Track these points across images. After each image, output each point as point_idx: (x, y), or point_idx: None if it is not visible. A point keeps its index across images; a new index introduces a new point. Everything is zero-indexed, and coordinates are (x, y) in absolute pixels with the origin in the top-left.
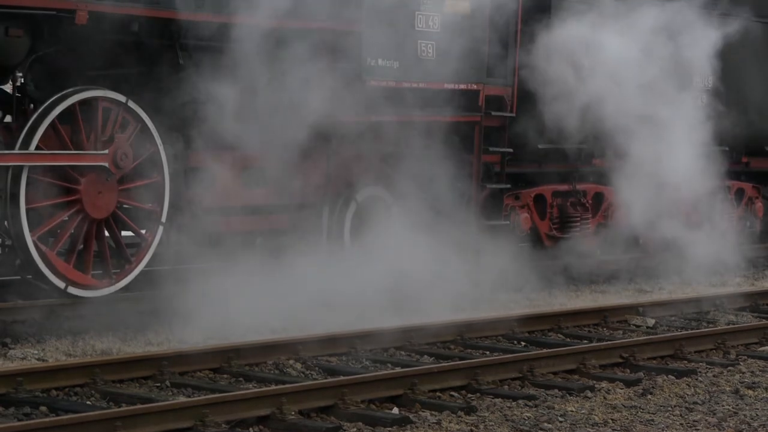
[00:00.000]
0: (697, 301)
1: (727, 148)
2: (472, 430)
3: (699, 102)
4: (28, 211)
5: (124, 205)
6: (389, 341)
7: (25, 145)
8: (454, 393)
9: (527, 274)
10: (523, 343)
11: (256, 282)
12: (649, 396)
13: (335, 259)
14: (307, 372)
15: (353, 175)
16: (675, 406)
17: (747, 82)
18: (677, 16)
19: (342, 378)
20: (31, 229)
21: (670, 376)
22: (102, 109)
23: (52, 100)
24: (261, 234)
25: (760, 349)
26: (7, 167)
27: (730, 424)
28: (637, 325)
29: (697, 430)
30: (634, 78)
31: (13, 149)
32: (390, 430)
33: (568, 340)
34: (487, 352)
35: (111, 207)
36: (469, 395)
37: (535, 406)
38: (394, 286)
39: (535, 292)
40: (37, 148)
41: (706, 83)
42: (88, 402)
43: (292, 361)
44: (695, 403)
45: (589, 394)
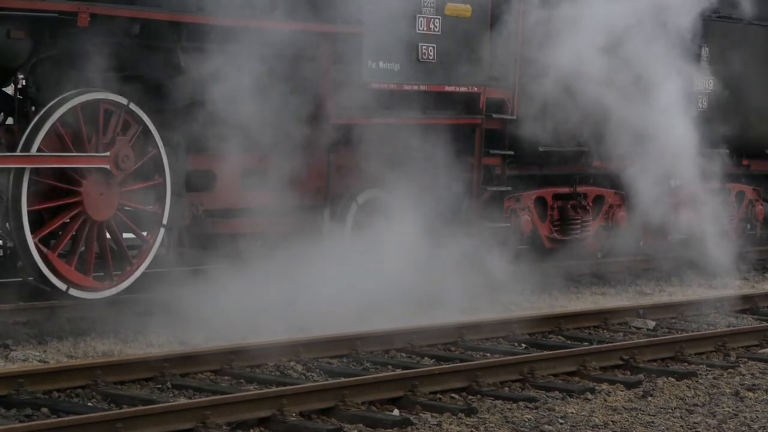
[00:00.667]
0: (697, 304)
1: (727, 151)
2: None
3: (700, 105)
4: (30, 212)
5: (126, 207)
6: (390, 343)
7: (27, 147)
8: (454, 395)
9: (528, 276)
10: (524, 345)
11: (256, 284)
12: (649, 398)
13: (336, 261)
14: (308, 373)
15: (354, 177)
16: (675, 408)
17: (747, 85)
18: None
19: (343, 380)
20: (32, 231)
21: (670, 378)
22: (103, 111)
23: (54, 102)
24: (262, 236)
25: (760, 351)
26: (9, 169)
27: (731, 426)
28: (637, 327)
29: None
30: (635, 80)
31: (15, 151)
32: None
33: (569, 342)
34: (488, 354)
35: (112, 209)
36: (470, 397)
37: (536, 408)
38: (395, 288)
39: (536, 294)
40: (39, 150)
41: (706, 86)
42: (89, 403)
43: (292, 363)
44: (695, 405)
45: (589, 396)
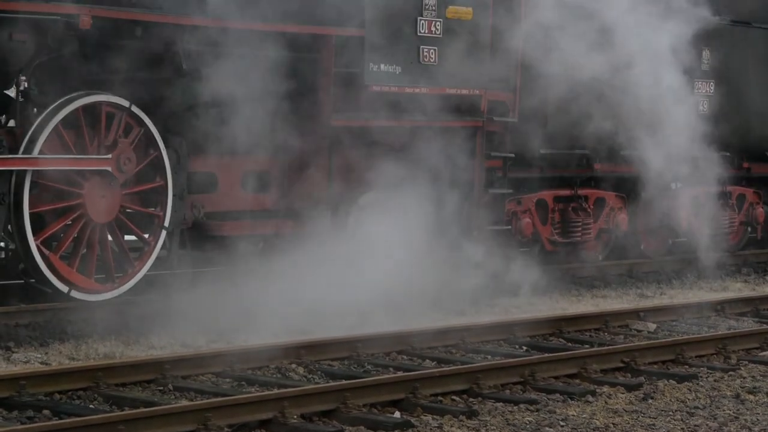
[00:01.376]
0: (698, 306)
1: (728, 154)
2: None
3: (701, 108)
4: (32, 215)
5: (127, 210)
6: (391, 345)
7: (29, 149)
8: (455, 397)
9: (528, 279)
10: (525, 347)
11: (257, 286)
12: (650, 401)
13: (337, 264)
14: (309, 376)
15: (355, 179)
16: (676, 411)
17: (748, 87)
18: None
19: (344, 382)
20: (34, 233)
21: (671, 381)
22: (105, 113)
23: (56, 104)
24: (264, 238)
25: (760, 354)
26: (11, 171)
27: (731, 429)
28: (638, 330)
29: None
30: (637, 84)
31: (17, 153)
32: None
33: (570, 344)
34: (489, 357)
35: (114, 211)
36: (471, 399)
37: (537, 411)
38: (396, 290)
39: (537, 296)
40: (41, 152)
41: (707, 89)
42: (91, 405)
43: (294, 365)
44: (696, 407)
45: (590, 398)
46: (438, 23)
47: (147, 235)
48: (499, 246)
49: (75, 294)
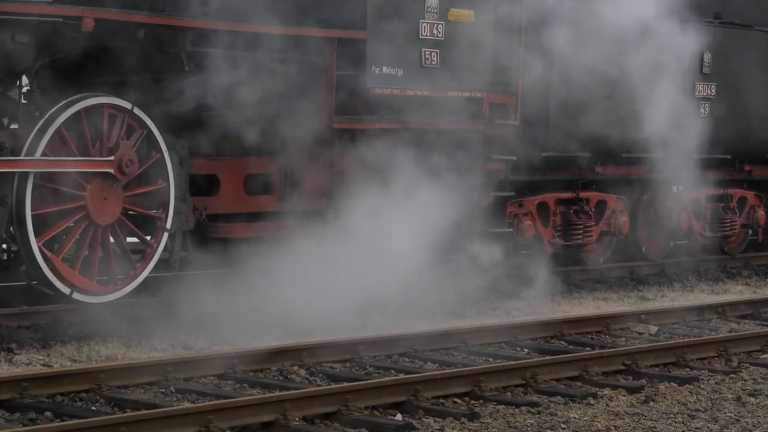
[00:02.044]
0: (699, 309)
1: (729, 157)
2: None
3: (702, 111)
4: (34, 217)
5: (129, 212)
6: (392, 347)
7: (31, 151)
8: (457, 399)
9: (530, 282)
10: (526, 350)
11: (259, 288)
12: (651, 403)
13: (339, 266)
14: (311, 378)
15: (357, 181)
16: (677, 413)
17: (749, 90)
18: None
19: (346, 384)
20: (36, 235)
21: (672, 384)
22: (108, 115)
23: (58, 106)
24: (265, 240)
25: (761, 356)
26: (13, 173)
27: None
28: (639, 333)
29: None
30: (638, 88)
31: (19, 155)
32: None
33: (571, 347)
34: (490, 359)
35: (116, 213)
36: (473, 402)
37: (538, 413)
38: (398, 293)
39: (538, 299)
40: (43, 154)
41: (709, 92)
42: (93, 407)
43: (296, 368)
44: (697, 410)
45: (591, 401)
46: (440, 26)
47: (149, 237)
48: (501, 249)
49: (77, 296)
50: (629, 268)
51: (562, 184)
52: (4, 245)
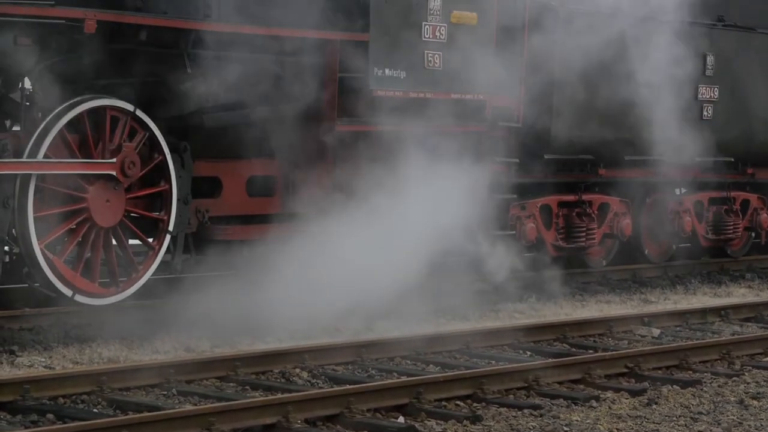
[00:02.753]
0: (701, 312)
1: (732, 159)
2: None
3: (705, 113)
4: (36, 219)
5: (132, 214)
6: (395, 350)
7: (34, 153)
8: (459, 402)
9: (532, 284)
10: (529, 352)
11: (262, 290)
12: (654, 406)
13: (341, 268)
14: (313, 381)
15: (359, 184)
16: (680, 416)
17: (752, 93)
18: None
19: (348, 387)
20: (38, 237)
21: (675, 387)
22: (110, 117)
23: (61, 108)
24: (268, 242)
25: (764, 359)
26: (16, 175)
27: None
28: (642, 336)
29: None
30: (641, 90)
31: (22, 157)
32: None
33: (574, 350)
34: (493, 362)
35: (118, 215)
36: (475, 404)
37: (541, 416)
38: (400, 294)
39: (541, 301)
40: (45, 156)
41: (711, 94)
42: (94, 409)
43: (298, 370)
44: (700, 413)
45: (594, 403)
46: (443, 28)
47: (151, 240)
48: (503, 251)
49: (79, 298)
50: (632, 270)
51: (564, 186)
52: (6, 247)
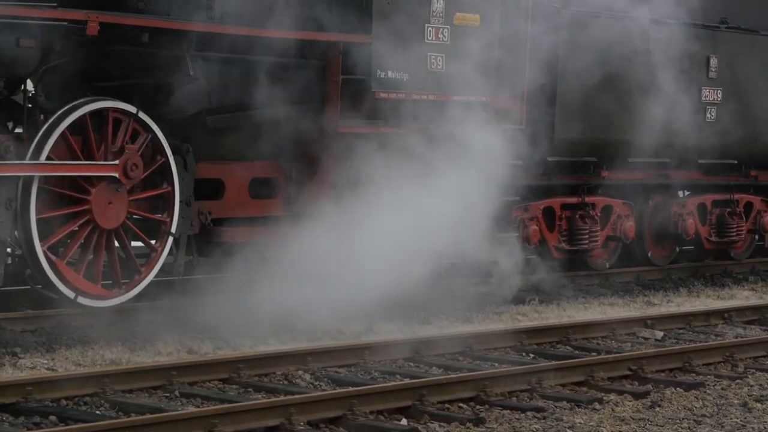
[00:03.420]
0: (705, 314)
1: (735, 162)
2: None
3: (708, 116)
4: (38, 221)
5: (134, 216)
6: (398, 352)
7: (36, 155)
8: (462, 404)
9: (535, 286)
10: (532, 355)
11: (264, 292)
12: (657, 408)
13: (344, 270)
14: (316, 383)
15: (362, 186)
16: (683, 419)
17: (756, 95)
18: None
19: (351, 389)
20: (41, 239)
21: (678, 389)
22: (112, 119)
23: (63, 110)
24: (270, 244)
25: None
26: (18, 177)
27: None
28: (645, 338)
29: None
30: (644, 92)
31: (24, 159)
32: None
33: (577, 352)
34: (496, 364)
35: (121, 217)
36: (478, 407)
37: (544, 418)
38: (402, 296)
39: (544, 304)
40: (48, 158)
41: (715, 97)
42: (97, 412)
43: (300, 372)
44: (703, 415)
45: (597, 406)
46: (445, 30)
47: (154, 242)
48: (506, 253)
49: (81, 300)
50: (635, 273)
51: (567, 188)
52: (9, 249)
